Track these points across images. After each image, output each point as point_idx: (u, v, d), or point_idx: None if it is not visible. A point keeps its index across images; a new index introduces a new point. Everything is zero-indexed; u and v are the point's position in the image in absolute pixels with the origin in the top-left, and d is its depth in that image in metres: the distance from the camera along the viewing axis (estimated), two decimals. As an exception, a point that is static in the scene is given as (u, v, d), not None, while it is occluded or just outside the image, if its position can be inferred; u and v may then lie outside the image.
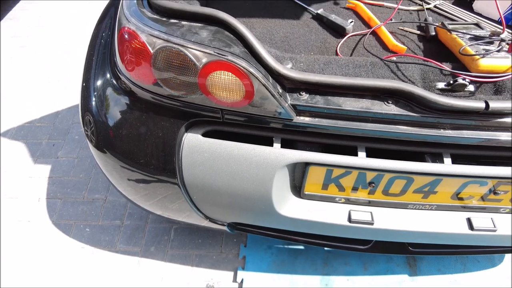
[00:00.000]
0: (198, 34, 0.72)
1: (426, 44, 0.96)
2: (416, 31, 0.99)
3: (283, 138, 0.86)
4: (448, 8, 1.05)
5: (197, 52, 0.71)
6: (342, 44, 0.95)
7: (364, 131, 0.78)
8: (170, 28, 0.73)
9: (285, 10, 1.03)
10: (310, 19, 1.02)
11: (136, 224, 1.70)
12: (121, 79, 0.90)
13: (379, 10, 1.05)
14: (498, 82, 0.79)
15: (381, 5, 1.06)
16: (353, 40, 0.97)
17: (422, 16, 1.04)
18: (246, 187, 0.89)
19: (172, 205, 1.09)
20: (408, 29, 0.99)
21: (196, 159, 0.89)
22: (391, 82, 0.73)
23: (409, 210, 0.98)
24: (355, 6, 1.04)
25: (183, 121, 0.86)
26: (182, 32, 0.72)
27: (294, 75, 0.72)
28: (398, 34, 0.97)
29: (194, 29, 0.73)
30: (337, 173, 0.88)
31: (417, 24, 1.01)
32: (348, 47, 0.95)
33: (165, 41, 0.71)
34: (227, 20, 0.72)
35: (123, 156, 0.95)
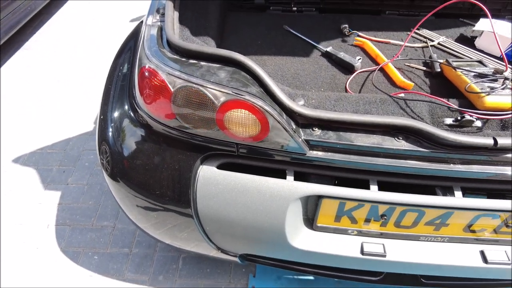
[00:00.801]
0: (216, 75, 0.76)
1: (432, 80, 1.00)
2: (422, 68, 1.03)
3: (296, 170, 0.88)
4: (451, 45, 1.10)
5: (216, 92, 0.75)
6: (351, 81, 0.99)
7: (376, 166, 0.80)
8: (189, 69, 0.78)
9: (295, 48, 1.09)
10: (320, 57, 1.07)
11: (145, 252, 1.70)
12: (139, 113, 0.94)
13: (386, 47, 1.10)
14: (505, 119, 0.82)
15: (388, 42, 1.11)
16: (361, 76, 1.01)
17: (427, 52, 1.09)
18: (260, 219, 0.90)
19: (183, 234, 1.10)
20: (414, 66, 1.03)
21: (211, 191, 0.91)
22: (401, 119, 0.76)
23: (421, 242, 0.98)
24: (362, 44, 1.09)
25: (199, 154, 0.89)
26: (202, 72, 0.77)
27: (307, 112, 0.76)
28: (405, 70, 1.01)
29: (212, 69, 0.78)
30: (350, 206, 0.90)
31: (422, 61, 1.06)
32: (357, 83, 0.99)
33: (186, 81, 0.76)
34: (243, 61, 0.76)
35: (138, 187, 0.98)
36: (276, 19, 1.23)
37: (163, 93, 0.79)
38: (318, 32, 1.15)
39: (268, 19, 1.23)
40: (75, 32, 3.33)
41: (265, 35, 1.14)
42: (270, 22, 1.21)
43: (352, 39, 1.14)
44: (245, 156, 0.88)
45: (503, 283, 1.16)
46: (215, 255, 1.18)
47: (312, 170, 0.88)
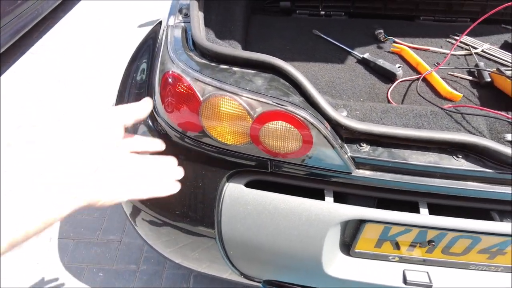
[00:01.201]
0: (252, 82, 0.67)
1: (480, 91, 0.90)
2: (468, 77, 0.94)
3: (335, 191, 0.79)
4: (497, 53, 1.01)
5: (253, 101, 0.65)
6: (392, 90, 0.90)
7: (431, 187, 0.70)
8: (221, 75, 0.68)
9: (328, 54, 1.00)
10: (355, 63, 0.98)
11: (153, 269, 1.59)
12: (158, 123, 0.85)
13: (424, 55, 1.01)
14: None
15: (427, 50, 1.02)
16: (402, 86, 0.92)
17: (470, 60, 1.00)
18: (293, 245, 0.80)
19: (196, 255, 1.00)
20: (458, 75, 0.94)
21: (238, 212, 0.81)
22: (463, 136, 0.66)
23: (471, 270, 0.88)
24: (400, 51, 1.00)
25: (226, 170, 0.79)
26: (235, 79, 0.67)
27: (356, 126, 0.66)
28: (449, 80, 0.92)
29: (247, 76, 0.69)
30: (396, 231, 0.80)
31: (467, 70, 0.96)
32: (398, 93, 0.90)
33: (218, 88, 0.66)
34: (284, 67, 0.67)
35: (155, 205, 0.88)
36: (303, 23, 1.14)
37: (190, 102, 0.70)
38: (350, 38, 1.07)
39: (294, 23, 1.14)
40: (82, 37, 3.26)
41: (294, 40, 1.06)
42: (297, 26, 1.13)
43: (388, 45, 1.05)
44: (279, 174, 0.78)
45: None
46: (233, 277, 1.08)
47: (355, 191, 0.78)
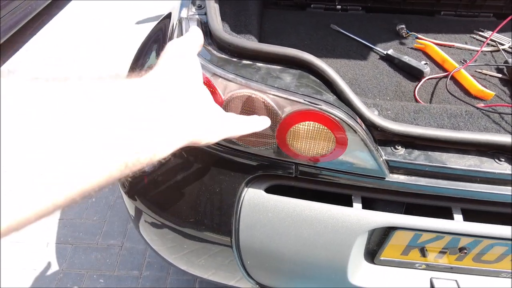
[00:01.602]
0: (280, 79, 0.61)
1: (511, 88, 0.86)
2: (497, 74, 0.89)
3: (363, 197, 0.73)
4: (525, 49, 0.97)
5: (282, 100, 0.59)
6: (420, 89, 0.85)
7: (470, 193, 0.65)
8: (246, 71, 0.62)
9: (350, 50, 0.94)
10: (379, 60, 0.93)
11: (156, 275, 1.53)
12: None
13: (449, 51, 0.96)
14: None
15: (452, 46, 0.98)
16: (429, 84, 0.87)
17: (497, 57, 0.95)
18: (318, 253, 0.75)
19: (203, 261, 0.94)
20: (487, 72, 0.89)
21: (257, 219, 0.75)
22: (506, 137, 0.61)
23: (502, 278, 0.83)
24: (424, 47, 0.95)
25: (246, 175, 0.73)
26: (262, 76, 0.61)
27: (394, 127, 0.61)
28: (477, 78, 0.88)
29: (273, 72, 0.63)
30: (426, 238, 0.75)
31: (495, 67, 0.92)
32: (426, 92, 0.85)
33: (243, 86, 0.60)
34: (315, 62, 0.61)
35: (167, 212, 0.82)
36: (319, 18, 1.08)
37: (211, 101, 0.64)
38: (369, 33, 1.01)
39: (309, 18, 1.09)
40: (77, 34, 3.17)
41: (310, 35, 1.00)
42: (313, 21, 1.07)
43: (410, 41, 1.00)
44: (302, 179, 0.73)
45: None
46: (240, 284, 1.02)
47: (384, 196, 0.72)
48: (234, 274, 0.97)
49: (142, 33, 3.25)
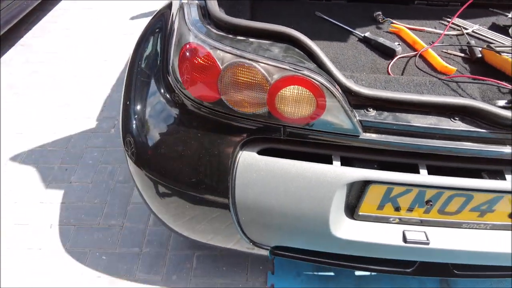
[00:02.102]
0: (270, 51, 0.73)
1: (472, 66, 0.99)
2: (460, 54, 1.02)
3: (342, 156, 0.85)
4: (486, 33, 1.10)
5: (271, 68, 0.71)
6: (392, 65, 0.97)
7: (431, 147, 0.78)
8: (240, 45, 0.74)
9: (332, 33, 1.06)
10: (357, 42, 1.05)
11: (156, 251, 1.63)
12: (175, 93, 0.89)
13: (420, 35, 1.09)
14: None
15: (422, 30, 1.10)
16: (401, 61, 1.00)
17: (462, 40, 1.08)
18: (303, 206, 0.86)
19: (203, 227, 1.05)
20: (452, 52, 1.02)
21: (251, 178, 0.86)
22: (461, 99, 0.74)
23: (463, 229, 0.96)
24: (398, 31, 1.07)
25: (240, 138, 0.85)
26: (254, 48, 0.73)
27: (366, 92, 0.73)
28: (444, 57, 1.00)
29: (264, 45, 0.74)
30: (397, 192, 0.87)
31: (459, 48, 1.05)
32: (398, 68, 0.97)
33: (238, 56, 0.71)
34: (299, 37, 0.73)
35: (170, 174, 0.92)
36: (305, 7, 1.20)
37: (210, 71, 0.75)
38: (350, 20, 1.13)
39: (297, 7, 1.20)
40: (72, 28, 3.24)
41: (298, 22, 1.11)
42: (300, 9, 1.19)
43: (386, 26, 1.12)
44: (288, 141, 0.84)
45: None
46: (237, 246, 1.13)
47: (359, 155, 0.84)
48: (231, 237, 1.08)
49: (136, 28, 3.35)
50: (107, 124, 2.27)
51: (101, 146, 2.12)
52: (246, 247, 1.11)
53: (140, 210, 1.78)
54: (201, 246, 1.62)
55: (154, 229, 1.71)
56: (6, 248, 1.63)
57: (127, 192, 1.87)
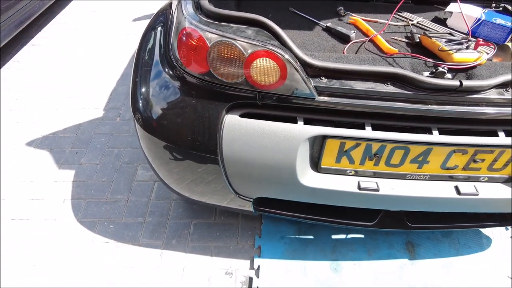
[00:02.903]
0: (245, 32, 0.96)
1: (412, 48, 1.23)
2: (404, 39, 1.26)
3: (305, 118, 1.08)
4: (428, 24, 1.35)
5: (245, 44, 0.94)
6: (348, 48, 1.21)
7: (370, 106, 1.01)
8: (223, 28, 0.98)
9: (301, 24, 1.31)
10: (321, 31, 1.29)
11: (158, 220, 1.85)
12: (175, 69, 1.12)
13: (374, 25, 1.33)
14: (469, 71, 1.05)
15: (376, 21, 1.35)
16: (355, 45, 1.24)
17: (408, 29, 1.32)
18: (275, 157, 1.09)
19: (201, 189, 1.27)
20: (398, 38, 1.26)
21: (234, 135, 1.09)
22: (390, 68, 0.97)
23: (407, 180, 1.19)
24: (355, 22, 1.32)
25: (226, 103, 1.08)
26: (233, 30, 0.97)
27: (317, 63, 0.97)
28: (391, 42, 1.24)
29: (241, 29, 0.98)
30: (349, 146, 1.10)
31: (404, 35, 1.29)
32: (352, 50, 1.21)
33: (220, 36, 0.95)
34: (266, 22, 0.97)
35: (172, 134, 1.13)
36: (282, 4, 1.45)
37: (201, 49, 0.99)
38: (318, 13, 1.38)
39: (275, 3, 1.45)
40: (79, 29, 3.49)
41: (274, 15, 1.36)
42: (277, 5, 1.43)
43: (347, 18, 1.37)
44: (264, 105, 1.07)
45: (473, 224, 1.38)
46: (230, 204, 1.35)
47: (317, 116, 1.08)
48: (224, 197, 1.31)
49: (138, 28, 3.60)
50: (113, 113, 2.50)
51: (108, 132, 2.35)
52: (238, 204, 1.33)
53: (143, 186, 2.01)
54: (198, 215, 1.85)
55: (156, 202, 1.93)
56: (25, 220, 1.85)
57: (132, 171, 2.09)
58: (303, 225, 1.79)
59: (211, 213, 1.86)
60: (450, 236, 1.73)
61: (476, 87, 0.97)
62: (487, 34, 1.27)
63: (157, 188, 1.99)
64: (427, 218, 1.38)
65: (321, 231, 1.76)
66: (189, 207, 1.89)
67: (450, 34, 1.21)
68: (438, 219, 1.38)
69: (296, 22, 1.33)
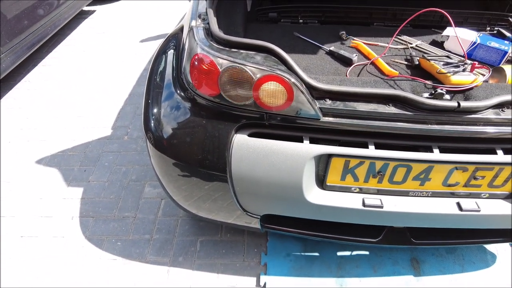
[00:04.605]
0: (254, 58, 1.03)
1: (412, 70, 1.29)
2: (404, 62, 1.33)
3: (310, 137, 1.13)
4: (426, 47, 1.42)
5: (254, 69, 1.01)
6: (350, 71, 1.28)
7: (373, 126, 1.06)
8: (233, 54, 1.04)
9: (306, 48, 1.38)
10: (324, 55, 1.36)
11: (165, 237, 1.87)
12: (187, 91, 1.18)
13: (375, 48, 1.40)
14: (466, 92, 1.10)
15: (376, 45, 1.42)
16: (357, 68, 1.30)
17: (408, 52, 1.39)
18: (282, 175, 1.13)
19: (208, 205, 1.31)
20: (398, 61, 1.32)
21: (243, 155, 1.14)
22: (390, 90, 1.03)
23: (410, 197, 1.23)
24: (357, 45, 1.39)
25: (235, 123, 1.13)
26: (243, 56, 1.03)
27: (322, 86, 1.02)
28: (391, 64, 1.31)
29: (250, 55, 1.04)
30: (353, 164, 1.14)
31: (404, 58, 1.36)
32: (354, 73, 1.27)
33: (231, 62, 1.02)
34: (274, 49, 1.04)
35: (183, 152, 1.18)
36: (287, 29, 1.53)
37: (213, 73, 1.05)
38: (321, 38, 1.45)
39: (280, 28, 1.53)
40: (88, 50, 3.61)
41: (280, 39, 1.43)
42: (282, 30, 1.51)
43: (349, 42, 1.44)
44: (272, 125, 1.13)
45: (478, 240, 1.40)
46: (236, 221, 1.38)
47: (323, 136, 1.13)
48: (231, 214, 1.34)
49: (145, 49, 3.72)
50: (121, 132, 2.56)
51: (116, 151, 2.40)
52: (244, 221, 1.37)
53: (150, 203, 2.04)
54: (204, 232, 1.87)
55: (163, 219, 1.96)
56: (34, 237, 1.88)
57: (139, 189, 2.13)
58: (309, 242, 1.81)
59: (217, 230, 1.89)
60: (455, 252, 1.75)
61: (473, 108, 1.02)
62: (482, 57, 1.34)
63: (164, 206, 2.02)
64: (431, 234, 1.41)
65: (326, 248, 1.78)
66: (195, 224, 1.92)
67: (447, 57, 1.27)
68: (442, 235, 1.40)
69: (300, 46, 1.40)
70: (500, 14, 1.59)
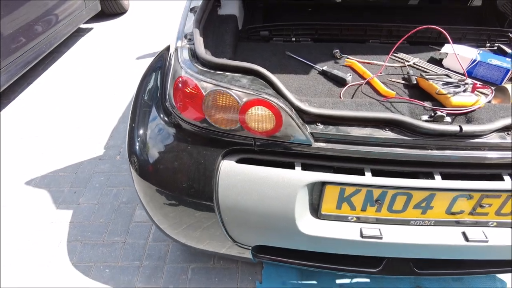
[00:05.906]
0: (240, 81, 0.97)
1: (409, 90, 1.22)
2: (401, 81, 1.26)
3: (302, 162, 1.06)
4: (424, 65, 1.35)
5: (240, 93, 0.94)
6: (344, 92, 1.21)
7: (368, 153, 0.98)
8: (218, 77, 0.98)
9: (298, 68, 1.32)
10: (317, 74, 1.30)
11: (155, 264, 1.78)
12: (172, 116, 1.11)
13: (370, 67, 1.34)
14: (468, 114, 1.03)
15: (371, 63, 1.36)
16: (352, 88, 1.23)
17: (405, 70, 1.33)
18: (273, 204, 1.05)
19: (198, 234, 1.23)
20: (395, 80, 1.26)
21: (230, 182, 1.07)
22: (387, 114, 0.96)
23: (412, 226, 1.14)
24: (351, 64, 1.33)
25: (221, 149, 1.06)
26: (228, 79, 0.97)
27: (312, 110, 0.95)
28: (388, 84, 1.24)
29: (236, 78, 0.98)
30: (349, 192, 1.06)
31: (401, 76, 1.29)
32: (349, 94, 1.21)
33: (216, 85, 0.95)
34: (261, 71, 0.97)
35: (167, 180, 1.11)
36: (279, 47, 1.47)
37: (196, 97, 0.98)
38: (314, 57, 1.39)
39: (272, 47, 1.47)
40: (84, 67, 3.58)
41: (271, 59, 1.38)
42: (274, 49, 1.45)
43: (342, 61, 1.38)
44: (260, 151, 1.06)
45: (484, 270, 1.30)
46: (228, 251, 1.30)
47: (315, 162, 1.05)
48: (222, 244, 1.26)
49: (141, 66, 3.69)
50: (113, 151, 2.50)
51: (107, 171, 2.33)
52: (236, 251, 1.28)
53: (141, 227, 1.96)
54: (196, 259, 1.78)
55: (154, 244, 1.87)
56: (18, 263, 1.79)
57: (130, 212, 2.05)
58: (306, 270, 1.71)
59: (210, 257, 1.79)
60: (461, 280, 1.64)
61: (477, 132, 0.94)
62: (483, 75, 1.27)
63: (154, 230, 1.94)
64: (436, 263, 1.31)
65: (324, 276, 1.68)
66: (187, 250, 1.83)
67: (446, 75, 1.21)
68: (447, 264, 1.31)
69: (292, 65, 1.34)
70: (500, 30, 1.54)
